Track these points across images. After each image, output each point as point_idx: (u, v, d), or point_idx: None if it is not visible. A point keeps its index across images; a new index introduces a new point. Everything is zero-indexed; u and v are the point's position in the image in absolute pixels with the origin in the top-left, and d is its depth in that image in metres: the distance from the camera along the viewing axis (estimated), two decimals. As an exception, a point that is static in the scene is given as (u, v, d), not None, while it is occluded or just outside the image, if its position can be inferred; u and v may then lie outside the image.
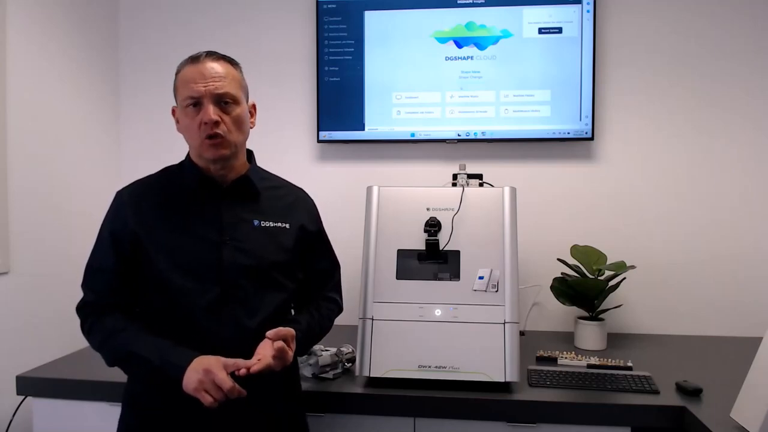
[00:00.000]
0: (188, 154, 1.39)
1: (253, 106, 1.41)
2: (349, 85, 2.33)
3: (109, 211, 1.37)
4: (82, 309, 1.35)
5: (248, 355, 1.27)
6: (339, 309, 1.56)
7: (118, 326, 1.29)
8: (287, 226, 1.40)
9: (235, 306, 1.30)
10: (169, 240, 1.30)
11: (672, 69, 2.26)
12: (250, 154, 1.45)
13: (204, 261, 1.30)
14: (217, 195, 1.35)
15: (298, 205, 1.47)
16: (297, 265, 1.42)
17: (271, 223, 1.38)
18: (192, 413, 1.28)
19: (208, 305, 1.28)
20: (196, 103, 1.29)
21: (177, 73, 1.35)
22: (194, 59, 1.32)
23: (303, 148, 2.43)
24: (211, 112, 1.28)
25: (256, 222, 1.37)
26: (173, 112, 1.38)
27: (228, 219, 1.34)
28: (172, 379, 1.21)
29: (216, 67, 1.31)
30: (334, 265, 1.57)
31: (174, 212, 1.33)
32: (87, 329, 1.33)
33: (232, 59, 1.37)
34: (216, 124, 1.28)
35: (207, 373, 1.17)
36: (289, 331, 1.27)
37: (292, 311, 1.48)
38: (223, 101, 1.30)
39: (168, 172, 1.42)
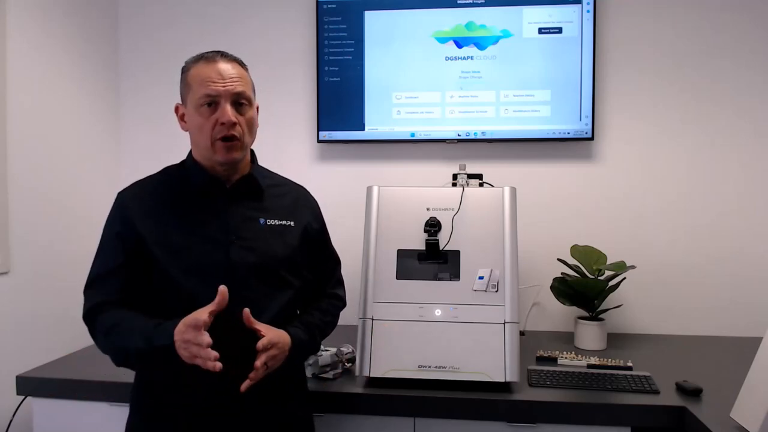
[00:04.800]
0: (190, 154, 1.39)
1: (257, 109, 1.41)
2: (349, 85, 2.33)
3: (111, 213, 1.35)
4: (87, 316, 1.30)
5: (257, 352, 1.27)
6: (343, 304, 1.56)
7: (110, 323, 1.25)
8: (292, 224, 1.40)
9: (245, 305, 1.29)
10: (176, 241, 1.29)
11: (672, 69, 2.26)
12: (252, 154, 1.44)
13: (212, 261, 1.29)
14: (222, 194, 1.35)
15: (301, 203, 1.47)
16: (303, 262, 1.42)
17: (276, 221, 1.38)
18: (199, 416, 1.28)
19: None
20: (212, 103, 1.28)
21: (185, 71, 1.33)
22: (207, 58, 1.31)
23: (303, 148, 2.44)
24: (230, 112, 1.27)
25: (262, 221, 1.36)
26: (176, 109, 1.37)
27: (234, 218, 1.34)
28: (173, 359, 1.18)
29: (231, 68, 1.31)
30: (335, 262, 1.58)
31: (179, 213, 1.33)
32: (93, 335, 1.30)
33: (242, 61, 1.36)
34: (233, 125, 1.28)
35: (187, 343, 1.14)
36: (268, 340, 1.25)
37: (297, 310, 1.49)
38: (239, 102, 1.30)
39: (169, 172, 1.41)
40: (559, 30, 2.24)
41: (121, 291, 1.29)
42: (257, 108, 1.40)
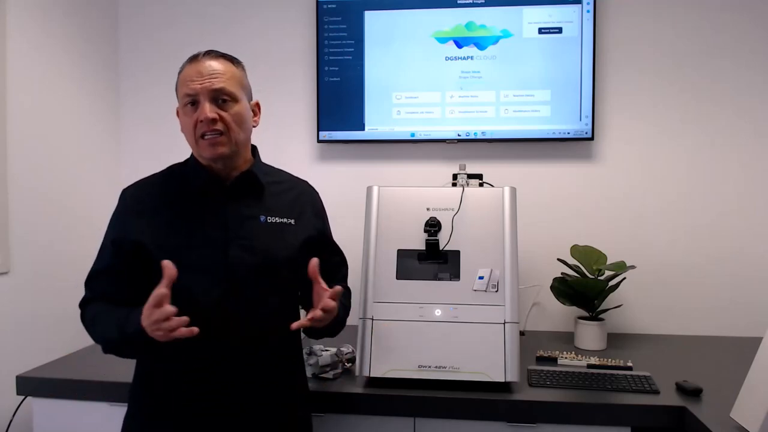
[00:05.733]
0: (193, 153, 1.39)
1: (257, 105, 1.40)
2: (349, 85, 2.33)
3: (114, 213, 1.36)
4: (80, 306, 1.36)
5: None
6: (350, 293, 1.58)
7: (92, 314, 1.31)
8: (293, 221, 1.39)
9: (241, 305, 1.29)
10: (175, 240, 1.29)
11: (672, 69, 2.27)
12: (254, 149, 1.43)
13: (211, 260, 1.29)
14: (221, 192, 1.34)
15: (303, 199, 1.46)
16: (303, 260, 1.40)
17: (277, 218, 1.37)
18: (195, 416, 1.28)
19: (215, 305, 1.27)
20: (194, 102, 1.28)
21: (178, 74, 1.34)
22: (193, 58, 1.32)
23: (303, 148, 2.44)
24: (207, 109, 1.26)
25: (262, 218, 1.36)
26: (177, 113, 1.37)
27: (233, 216, 1.33)
28: (147, 343, 1.18)
29: (214, 64, 1.30)
30: (342, 260, 1.58)
31: (179, 212, 1.33)
32: (82, 320, 1.35)
33: (233, 57, 1.36)
34: (213, 121, 1.27)
35: (156, 323, 1.13)
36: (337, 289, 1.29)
37: (301, 309, 1.49)
38: (221, 98, 1.29)
39: (173, 171, 1.41)
40: (559, 30, 2.24)
41: (110, 289, 1.32)
42: (258, 104, 1.40)
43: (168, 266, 1.15)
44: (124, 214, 1.34)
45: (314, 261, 1.28)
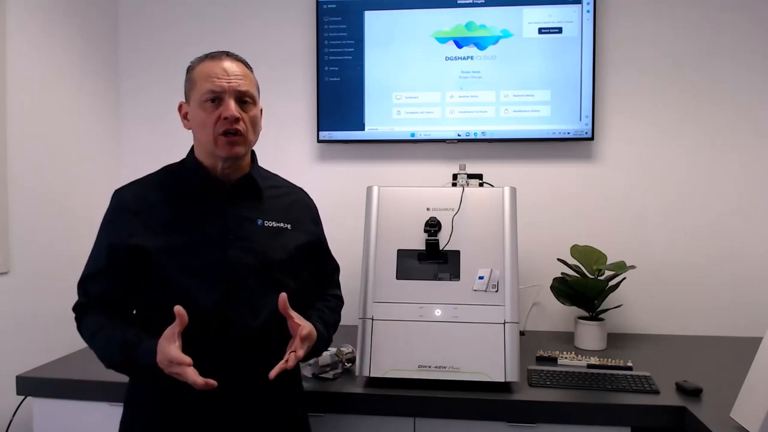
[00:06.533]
0: (191, 153, 1.38)
1: (260, 111, 1.41)
2: (349, 85, 2.33)
3: (107, 213, 1.35)
4: (75, 309, 1.35)
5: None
6: (342, 303, 1.58)
7: (93, 329, 1.30)
8: (289, 226, 1.40)
9: (240, 306, 1.29)
10: (174, 241, 1.29)
11: (672, 69, 2.27)
12: (252, 154, 1.44)
13: (210, 261, 1.29)
14: (221, 194, 1.35)
15: (299, 205, 1.47)
16: (300, 264, 1.41)
17: (274, 222, 1.38)
18: (195, 417, 1.28)
19: (214, 305, 1.27)
20: (215, 99, 1.29)
21: (191, 70, 1.34)
22: (213, 56, 1.32)
23: (303, 148, 2.44)
24: (233, 108, 1.28)
25: (260, 222, 1.36)
26: (180, 108, 1.37)
27: (233, 218, 1.33)
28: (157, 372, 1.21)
29: (236, 66, 1.32)
30: (335, 267, 1.59)
31: (178, 213, 1.32)
32: (78, 327, 1.34)
33: (247, 62, 1.37)
34: (236, 120, 1.28)
35: (177, 375, 1.18)
36: (308, 331, 1.29)
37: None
38: (243, 100, 1.31)
39: (169, 171, 1.40)
40: (559, 30, 2.24)
41: (106, 293, 1.31)
42: (261, 110, 1.40)
43: (180, 313, 1.18)
44: (120, 214, 1.32)
45: (283, 296, 1.26)
